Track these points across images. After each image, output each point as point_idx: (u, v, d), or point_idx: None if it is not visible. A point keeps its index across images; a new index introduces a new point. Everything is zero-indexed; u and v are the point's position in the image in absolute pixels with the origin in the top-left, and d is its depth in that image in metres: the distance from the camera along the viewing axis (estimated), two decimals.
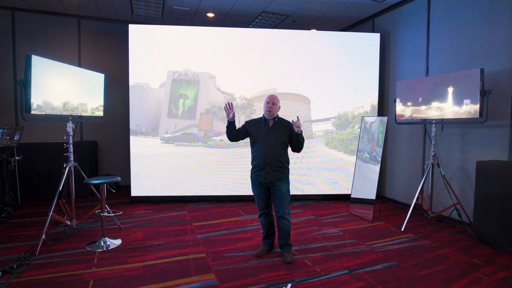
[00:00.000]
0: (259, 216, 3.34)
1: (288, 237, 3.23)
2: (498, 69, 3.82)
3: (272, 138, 3.13)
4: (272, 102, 3.14)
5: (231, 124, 3.14)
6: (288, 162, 3.24)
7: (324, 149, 5.48)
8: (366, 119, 4.98)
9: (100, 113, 4.41)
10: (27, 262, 3.04)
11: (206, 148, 5.33)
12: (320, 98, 5.44)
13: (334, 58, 5.42)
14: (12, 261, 3.05)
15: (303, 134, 3.19)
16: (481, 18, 4.01)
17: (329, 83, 5.43)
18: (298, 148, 3.20)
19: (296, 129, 3.06)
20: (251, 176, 3.27)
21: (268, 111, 3.14)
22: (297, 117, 3.10)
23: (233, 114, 3.10)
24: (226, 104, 3.09)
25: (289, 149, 3.27)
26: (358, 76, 5.45)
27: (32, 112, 3.30)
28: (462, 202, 4.15)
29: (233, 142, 3.40)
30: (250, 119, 3.36)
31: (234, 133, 3.19)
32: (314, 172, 5.46)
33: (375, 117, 4.91)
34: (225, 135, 3.24)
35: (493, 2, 3.88)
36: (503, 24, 3.77)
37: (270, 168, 3.10)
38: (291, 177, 3.33)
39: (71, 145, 3.83)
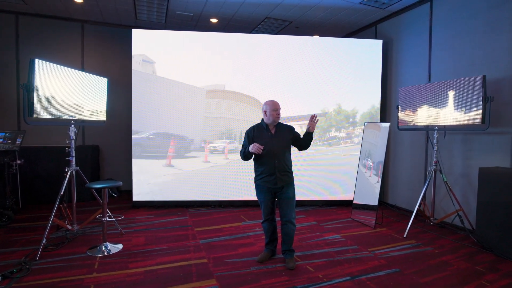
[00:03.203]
0: (263, 222, 3.32)
1: (292, 243, 3.23)
2: (500, 76, 3.83)
3: (278, 144, 3.15)
4: (279, 110, 3.19)
5: (252, 153, 3.15)
6: (292, 166, 3.26)
7: (327, 153, 5.48)
8: (368, 125, 4.98)
9: (102, 117, 4.42)
10: (27, 267, 3.03)
11: (208, 153, 5.32)
12: (322, 102, 5.45)
13: (337, 64, 5.43)
14: (12, 266, 3.03)
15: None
16: (483, 26, 4.02)
17: (331, 89, 5.45)
18: (306, 146, 3.27)
19: (311, 128, 3.14)
20: (256, 183, 3.25)
21: (276, 118, 3.17)
22: (315, 116, 3.15)
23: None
24: (258, 148, 3.05)
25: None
26: (361, 82, 5.47)
27: (35, 115, 3.31)
28: (464, 208, 4.14)
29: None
30: (249, 127, 3.33)
31: (250, 156, 3.22)
32: (315, 179, 5.46)
33: (377, 123, 4.92)
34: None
35: (495, 10, 3.90)
36: (505, 32, 3.79)
37: (279, 173, 3.12)
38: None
39: (73, 149, 3.83)
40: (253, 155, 3.21)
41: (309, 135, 3.20)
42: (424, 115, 4.28)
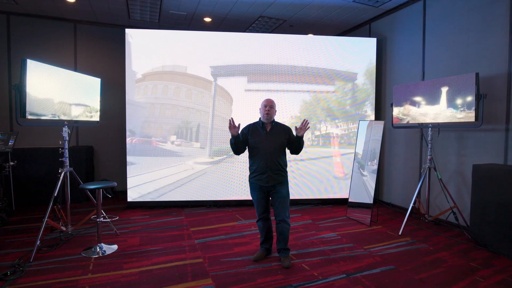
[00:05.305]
0: (258, 221, 3.32)
1: (287, 241, 3.22)
2: (493, 73, 3.85)
3: (272, 142, 3.13)
4: (269, 106, 3.16)
5: (235, 138, 3.10)
6: (286, 166, 3.25)
7: (322, 152, 5.50)
8: (363, 123, 4.99)
9: (96, 117, 4.39)
10: (21, 268, 3.00)
11: (203, 153, 5.31)
12: (319, 103, 5.46)
13: (331, 62, 5.44)
14: (6, 268, 3.00)
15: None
16: (477, 23, 4.05)
17: (326, 87, 5.45)
18: (297, 150, 3.22)
19: (300, 132, 3.07)
20: (250, 181, 3.24)
21: (267, 114, 3.15)
22: (307, 121, 3.11)
23: (236, 128, 3.05)
24: (229, 121, 3.03)
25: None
26: (355, 81, 5.48)
27: (27, 116, 3.27)
28: (458, 205, 4.17)
29: (230, 146, 3.32)
30: (247, 124, 3.32)
31: (240, 146, 3.17)
32: (311, 177, 5.46)
33: (372, 121, 4.93)
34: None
35: (488, 7, 3.92)
36: (498, 29, 3.81)
37: (271, 172, 3.10)
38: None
39: (66, 150, 3.80)
40: (248, 153, 3.22)
41: (298, 140, 3.13)
42: (418, 113, 4.30)
